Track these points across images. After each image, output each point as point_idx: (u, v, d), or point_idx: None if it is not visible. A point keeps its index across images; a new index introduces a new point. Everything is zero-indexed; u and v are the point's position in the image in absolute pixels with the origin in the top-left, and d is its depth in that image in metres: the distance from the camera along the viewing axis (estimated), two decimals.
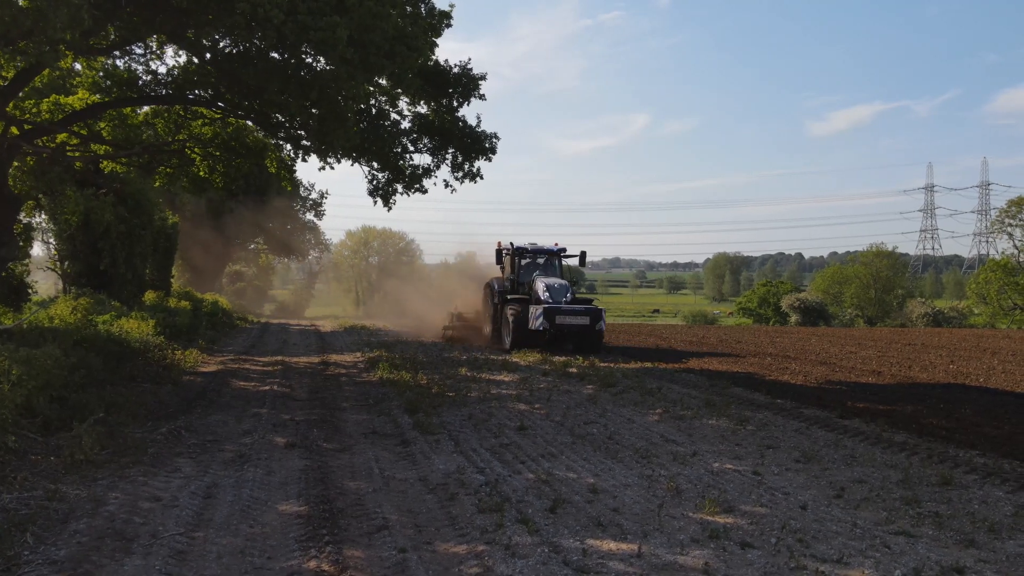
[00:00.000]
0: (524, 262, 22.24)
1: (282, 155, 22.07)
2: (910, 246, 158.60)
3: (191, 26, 13.15)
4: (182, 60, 16.46)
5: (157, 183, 23.35)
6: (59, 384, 9.18)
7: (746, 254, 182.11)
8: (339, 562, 5.08)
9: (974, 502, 6.80)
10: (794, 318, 52.71)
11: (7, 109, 15.74)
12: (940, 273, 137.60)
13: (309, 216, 56.82)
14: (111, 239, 20.62)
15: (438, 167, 18.39)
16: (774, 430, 9.93)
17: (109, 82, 17.81)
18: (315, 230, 62.57)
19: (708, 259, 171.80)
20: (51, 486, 6.33)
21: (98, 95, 17.97)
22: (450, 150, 18.26)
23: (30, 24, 10.13)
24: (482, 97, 17.69)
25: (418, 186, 18.09)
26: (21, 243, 19.79)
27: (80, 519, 5.68)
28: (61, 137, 18.43)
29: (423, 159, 18.75)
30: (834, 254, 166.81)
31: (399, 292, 44.41)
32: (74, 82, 19.27)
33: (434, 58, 16.73)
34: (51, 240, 25.99)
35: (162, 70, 17.28)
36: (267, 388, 12.78)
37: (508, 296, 21.27)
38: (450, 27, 15.90)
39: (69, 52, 13.76)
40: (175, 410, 10.30)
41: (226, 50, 14.40)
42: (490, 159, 18.33)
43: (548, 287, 20.39)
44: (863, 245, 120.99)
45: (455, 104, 17.86)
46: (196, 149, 20.30)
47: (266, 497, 6.55)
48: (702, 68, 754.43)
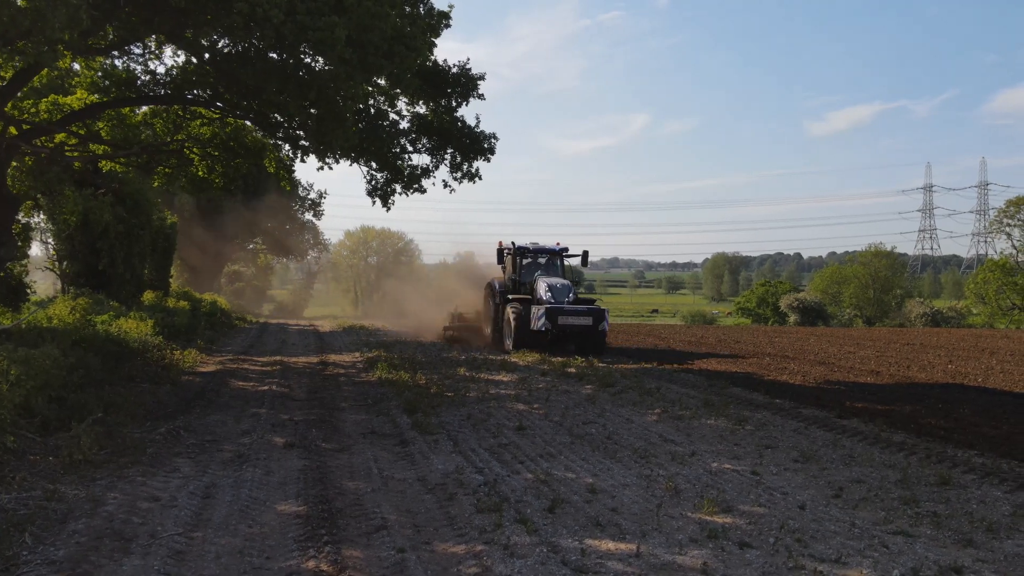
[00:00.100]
0: (525, 262, 21.90)
1: (281, 155, 22.08)
2: (909, 246, 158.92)
3: (190, 26, 13.15)
4: (180, 60, 16.48)
5: (156, 183, 23.36)
6: (58, 384, 9.18)
7: (745, 254, 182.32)
8: (338, 562, 5.09)
9: (972, 502, 6.81)
10: (793, 318, 52.73)
11: (6, 109, 15.74)
12: (939, 273, 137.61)
13: (308, 216, 56.78)
14: (110, 239, 20.59)
15: (437, 167, 18.40)
16: (773, 430, 9.95)
17: (108, 82, 17.81)
18: (314, 230, 62.61)
19: (707, 259, 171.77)
20: (50, 486, 6.33)
21: (97, 95, 17.96)
22: (449, 150, 18.25)
23: (28, 24, 10.12)
24: (481, 97, 17.71)
25: (417, 186, 18.10)
26: (19, 243, 19.75)
27: (79, 519, 5.68)
28: (60, 137, 18.43)
29: (422, 159, 18.74)
30: (833, 254, 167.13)
31: (398, 292, 44.43)
32: (72, 82, 19.27)
33: (433, 58, 16.74)
34: (49, 240, 25.98)
35: (160, 70, 17.28)
36: (266, 388, 12.78)
37: (509, 296, 20.94)
38: (449, 27, 15.90)
39: (67, 52, 13.74)
40: (174, 410, 10.30)
41: (225, 50, 14.40)
42: (489, 159, 18.33)
43: (550, 287, 20.05)
44: (862, 245, 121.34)
45: (454, 104, 17.86)
46: (195, 149, 20.30)
47: (265, 497, 6.55)
48: (701, 68, 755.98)
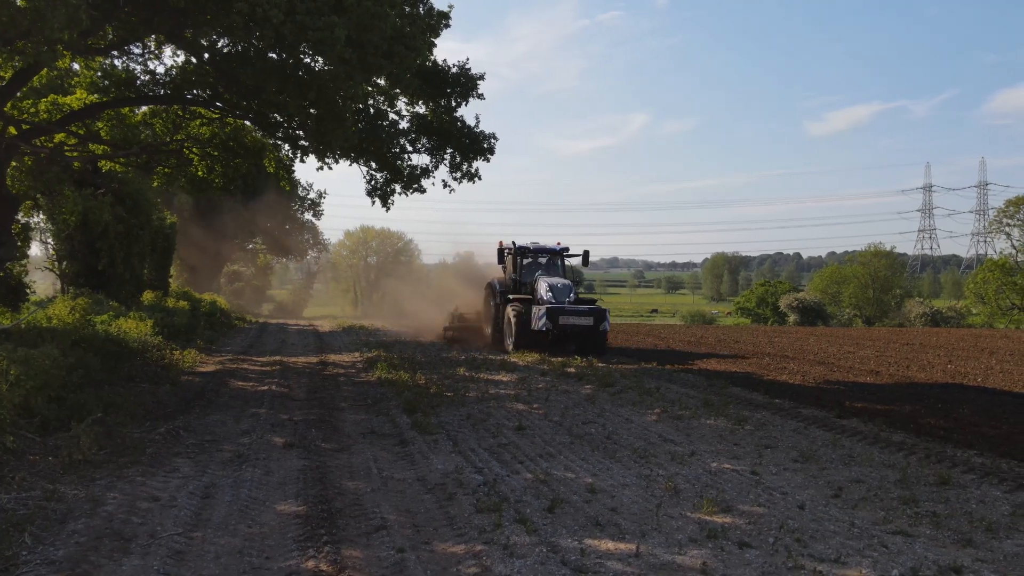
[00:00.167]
0: (526, 261, 21.76)
1: (280, 155, 22.08)
2: (908, 246, 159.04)
3: (189, 26, 13.14)
4: (180, 60, 16.48)
5: (155, 183, 23.36)
6: (57, 384, 9.18)
7: (744, 254, 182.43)
8: (337, 562, 5.09)
9: (972, 502, 6.81)
10: (792, 318, 52.72)
11: (5, 109, 15.73)
12: (938, 273, 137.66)
13: (307, 216, 56.76)
14: (109, 239, 20.60)
15: (436, 167, 18.41)
16: (772, 430, 9.95)
17: (107, 82, 17.81)
18: (313, 230, 62.53)
19: (706, 259, 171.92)
20: (49, 486, 6.33)
21: (96, 95, 17.96)
22: (448, 150, 18.25)
23: (28, 24, 10.12)
24: (481, 97, 17.71)
25: (416, 186, 18.11)
26: (19, 243, 19.76)
27: (78, 519, 5.68)
28: (59, 137, 18.42)
29: (421, 159, 18.74)
30: (832, 254, 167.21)
31: (397, 292, 44.42)
32: (72, 82, 19.27)
33: (432, 58, 16.74)
34: (49, 240, 26.02)
35: (160, 70, 17.29)
36: (265, 388, 12.77)
37: (510, 296, 20.80)
38: (448, 27, 15.90)
39: (67, 52, 13.73)
40: (173, 410, 10.29)
41: (224, 50, 14.40)
42: (488, 159, 18.33)
43: (551, 287, 19.91)
44: (861, 245, 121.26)
45: (453, 104, 17.86)
46: (194, 149, 20.30)
47: (264, 497, 6.55)
48: (701, 68, 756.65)
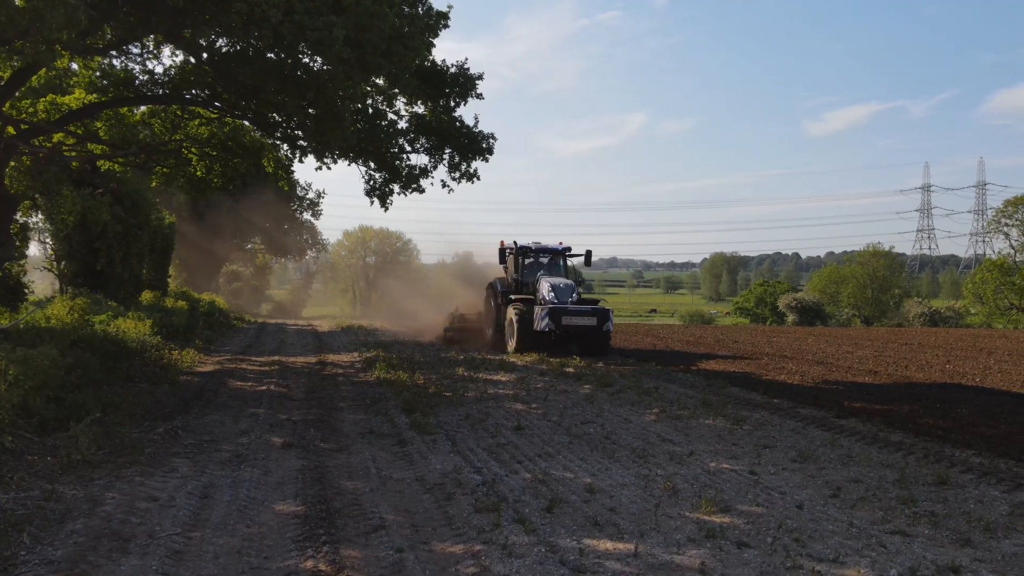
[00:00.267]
0: (528, 261, 21.53)
1: (279, 155, 22.07)
2: (907, 246, 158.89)
3: (188, 26, 13.15)
4: (179, 60, 16.50)
5: (154, 183, 23.36)
6: (56, 384, 9.17)
7: (743, 254, 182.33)
8: (336, 562, 5.09)
9: (970, 501, 6.82)
10: (791, 318, 52.74)
11: (4, 109, 15.74)
12: (937, 273, 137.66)
13: (306, 216, 56.67)
14: (108, 239, 20.56)
15: (435, 167, 18.43)
16: (771, 430, 9.95)
17: (106, 82, 17.82)
18: (312, 230, 62.44)
19: (705, 259, 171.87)
20: (48, 486, 6.33)
21: (95, 95, 17.96)
22: (447, 150, 18.27)
23: (27, 24, 10.12)
24: (479, 97, 17.72)
25: (415, 186, 18.12)
26: (17, 243, 19.75)
27: (77, 519, 5.68)
28: (58, 137, 18.42)
29: (420, 159, 18.77)
30: (831, 254, 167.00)
31: (396, 292, 44.45)
32: (71, 82, 19.27)
33: (431, 58, 16.74)
34: (48, 240, 26.01)
35: (159, 70, 17.33)
36: (264, 388, 12.77)
37: (512, 297, 20.57)
38: (447, 27, 15.91)
39: (66, 52, 13.73)
40: (172, 410, 10.29)
41: (223, 50, 14.40)
42: (487, 159, 18.35)
43: (553, 287, 19.64)
44: (860, 245, 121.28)
45: (452, 104, 17.87)
46: (193, 149, 20.30)
47: (263, 497, 6.55)
48: (700, 68, 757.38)
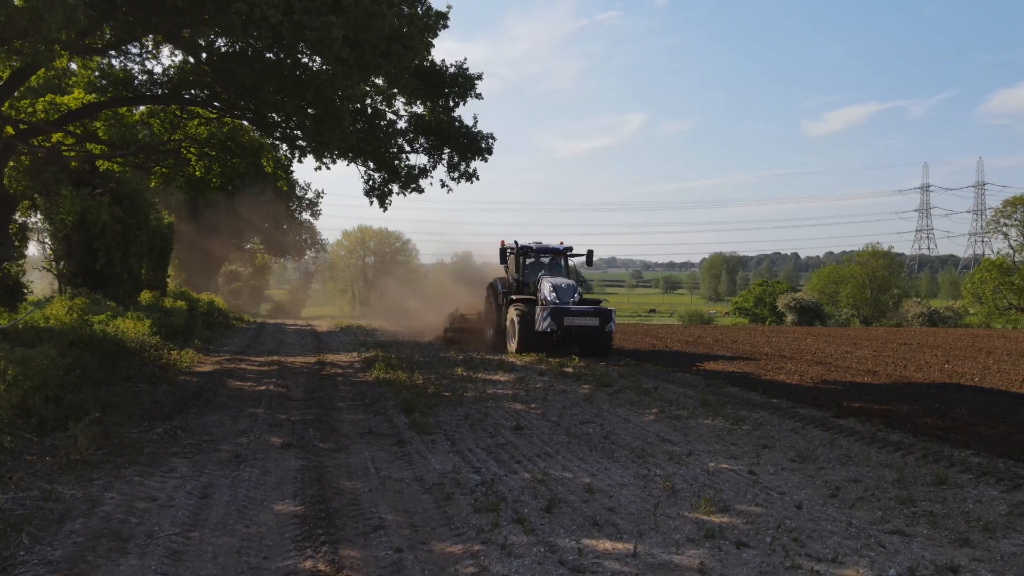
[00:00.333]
0: (529, 261, 21.38)
1: (278, 155, 22.06)
2: (906, 246, 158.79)
3: (187, 26, 13.14)
4: (178, 60, 16.48)
5: (153, 183, 23.33)
6: (55, 384, 9.17)
7: (742, 254, 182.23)
8: (335, 562, 5.09)
9: (969, 501, 6.83)
10: (790, 318, 52.74)
11: (3, 109, 15.72)
12: (936, 273, 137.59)
13: (305, 216, 56.64)
14: (107, 239, 20.54)
15: (434, 167, 18.40)
16: (770, 430, 9.96)
17: (105, 82, 17.81)
18: (311, 230, 62.40)
19: (704, 259, 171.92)
20: (47, 486, 6.33)
21: (94, 95, 17.95)
22: (446, 150, 18.24)
23: (26, 24, 10.11)
24: (479, 97, 17.69)
25: (414, 186, 18.11)
26: (17, 243, 19.75)
27: (76, 519, 5.68)
28: (57, 137, 18.40)
29: (419, 159, 18.76)
30: (830, 254, 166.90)
31: (395, 292, 44.48)
32: (70, 82, 19.26)
33: (430, 58, 16.73)
34: (47, 240, 25.93)
35: (158, 70, 17.29)
36: (263, 388, 12.77)
37: (513, 297, 20.42)
38: (446, 27, 15.88)
39: (65, 52, 13.73)
40: (171, 410, 10.29)
41: (222, 50, 14.40)
42: (486, 159, 18.32)
43: (555, 287, 19.43)
44: (859, 245, 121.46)
45: (451, 104, 17.85)
46: (192, 149, 20.28)
47: (262, 497, 6.55)
48: (699, 68, 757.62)
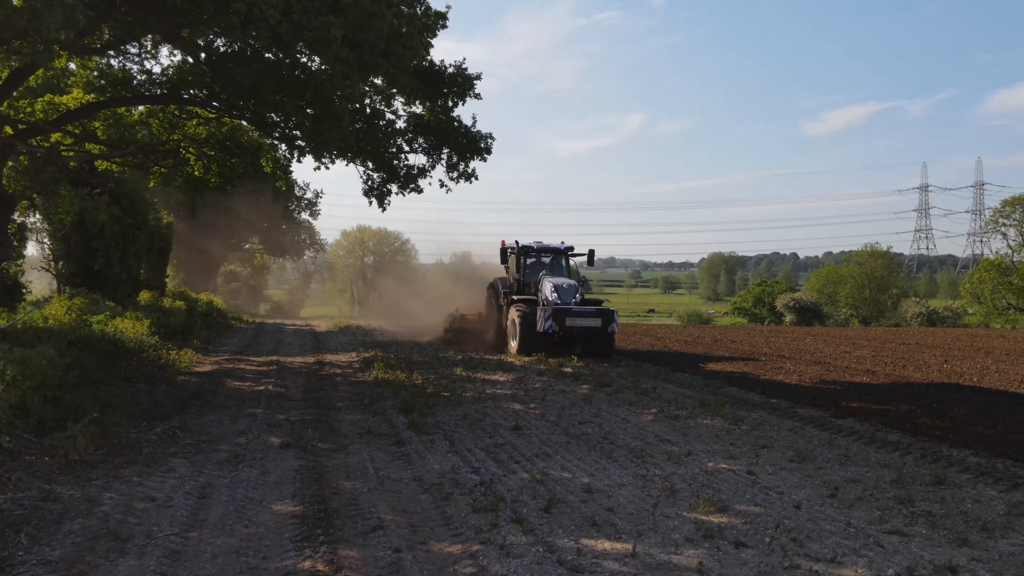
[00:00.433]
0: (529, 261, 21.18)
1: (277, 155, 22.06)
2: (905, 246, 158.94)
3: (186, 26, 13.14)
4: (177, 60, 16.50)
5: (152, 183, 23.32)
6: (53, 384, 9.16)
7: (741, 254, 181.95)
8: (334, 562, 5.09)
9: (967, 501, 6.83)
10: (789, 318, 52.75)
11: (1, 109, 15.72)
12: (935, 273, 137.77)
13: (304, 216, 56.63)
14: (105, 239, 20.52)
15: (433, 167, 18.44)
16: (768, 429, 9.96)
17: (104, 82, 17.81)
18: (310, 230, 62.39)
19: (703, 259, 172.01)
20: (45, 486, 6.32)
21: (93, 95, 17.95)
22: (445, 150, 18.26)
23: (24, 24, 10.12)
24: (478, 97, 17.72)
25: (413, 186, 18.13)
26: (15, 243, 19.73)
27: (74, 519, 5.68)
28: (55, 137, 18.40)
29: (418, 159, 18.73)
30: (829, 254, 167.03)
31: (395, 292, 44.44)
32: (68, 81, 19.26)
33: (429, 58, 16.75)
34: (45, 240, 25.87)
35: (157, 70, 17.39)
36: (262, 388, 12.76)
37: (514, 297, 20.24)
38: (445, 27, 15.91)
39: (63, 52, 13.72)
40: (170, 410, 10.28)
41: (221, 50, 14.40)
42: (485, 159, 18.34)
43: (556, 287, 19.17)
44: (858, 245, 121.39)
45: (450, 104, 17.87)
46: (191, 149, 20.28)
47: (261, 497, 6.55)
48: (699, 68, 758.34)
